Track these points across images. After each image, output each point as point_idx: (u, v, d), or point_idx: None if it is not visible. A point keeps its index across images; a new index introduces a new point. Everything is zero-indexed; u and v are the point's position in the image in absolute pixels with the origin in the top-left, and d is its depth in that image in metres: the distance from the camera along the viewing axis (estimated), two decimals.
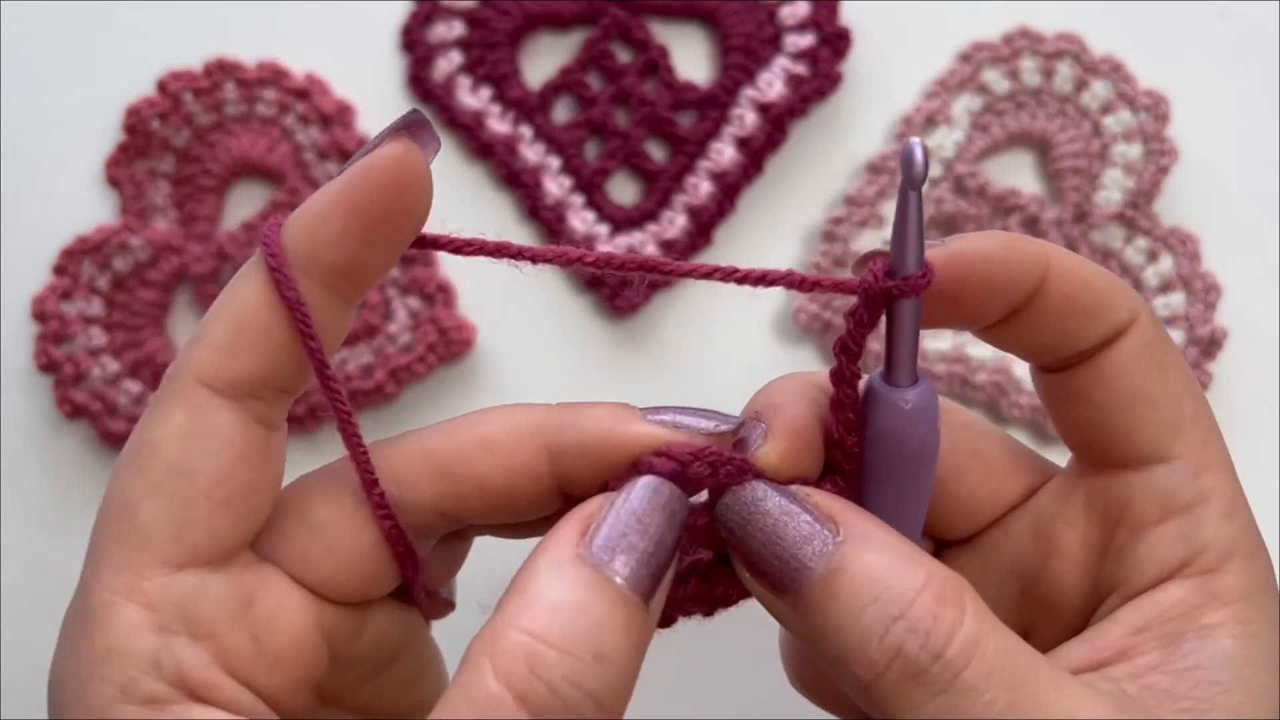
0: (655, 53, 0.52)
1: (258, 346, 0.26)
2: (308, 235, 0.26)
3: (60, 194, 0.52)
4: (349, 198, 0.25)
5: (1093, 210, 0.50)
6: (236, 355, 0.26)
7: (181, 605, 0.25)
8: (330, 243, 0.26)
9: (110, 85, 0.51)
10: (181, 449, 0.25)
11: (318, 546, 0.28)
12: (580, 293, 0.52)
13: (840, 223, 0.50)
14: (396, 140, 0.26)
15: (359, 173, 0.26)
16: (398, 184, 0.26)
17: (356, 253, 0.26)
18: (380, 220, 0.26)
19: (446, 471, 0.28)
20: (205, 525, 0.26)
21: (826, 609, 0.24)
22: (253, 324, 0.26)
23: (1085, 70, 0.51)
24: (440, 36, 0.52)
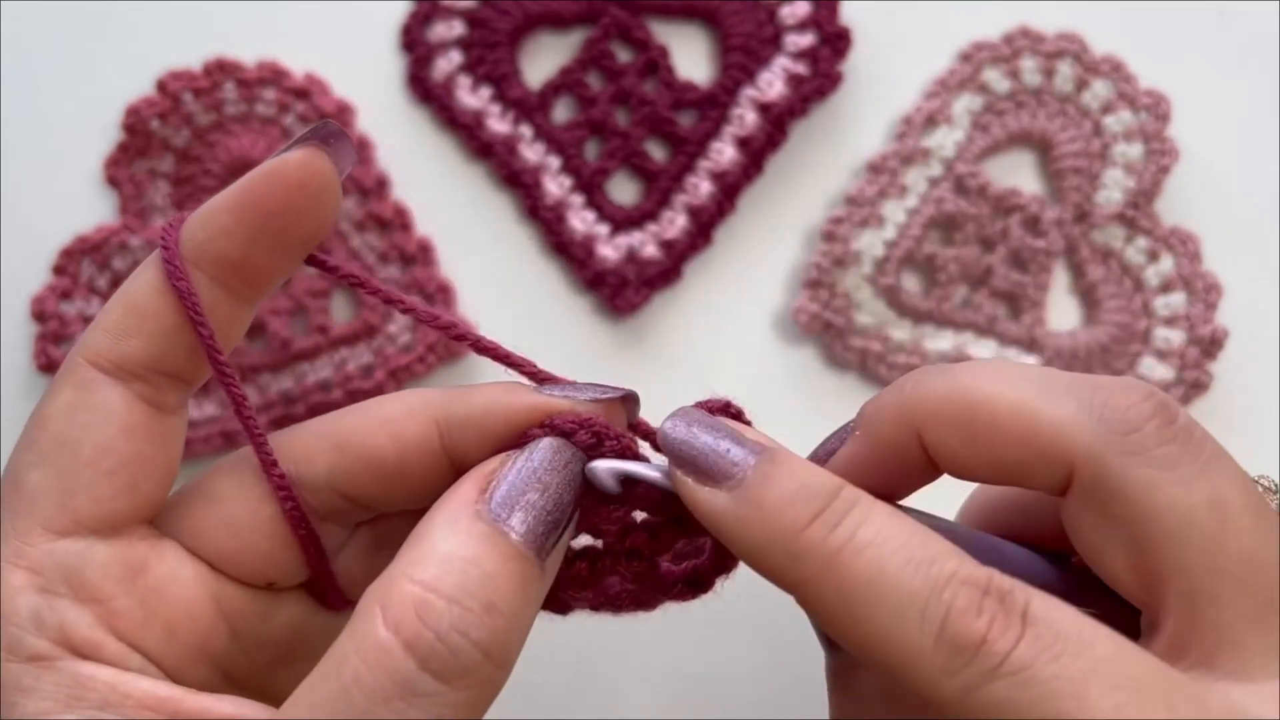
0: (655, 52, 0.52)
1: (145, 330, 0.27)
2: (200, 227, 0.27)
3: (60, 194, 0.52)
4: (243, 195, 0.27)
5: (1093, 210, 0.50)
6: (124, 337, 0.27)
7: (64, 569, 0.26)
8: (220, 235, 0.27)
9: (110, 85, 0.51)
10: (67, 421, 0.26)
11: (214, 519, 0.28)
12: (580, 293, 0.52)
13: (840, 222, 0.50)
14: (303, 147, 0.27)
15: (257, 173, 0.27)
16: (295, 187, 0.27)
17: (245, 248, 0.27)
18: (271, 219, 0.27)
19: (342, 447, 0.28)
20: (89, 493, 0.26)
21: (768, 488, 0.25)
22: (142, 309, 0.27)
23: (1086, 70, 0.51)
24: (440, 36, 0.52)
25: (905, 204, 0.50)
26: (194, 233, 0.27)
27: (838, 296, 0.50)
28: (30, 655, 0.25)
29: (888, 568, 0.24)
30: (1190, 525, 0.24)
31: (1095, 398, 0.25)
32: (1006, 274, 0.50)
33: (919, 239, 0.50)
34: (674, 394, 0.50)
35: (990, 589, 0.23)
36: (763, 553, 0.25)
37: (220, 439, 0.50)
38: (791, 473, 0.26)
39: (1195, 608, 0.24)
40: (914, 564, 0.24)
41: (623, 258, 0.51)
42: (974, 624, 0.23)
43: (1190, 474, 0.24)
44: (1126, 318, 0.50)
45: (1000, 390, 0.26)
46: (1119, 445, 0.25)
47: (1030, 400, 0.26)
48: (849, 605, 0.24)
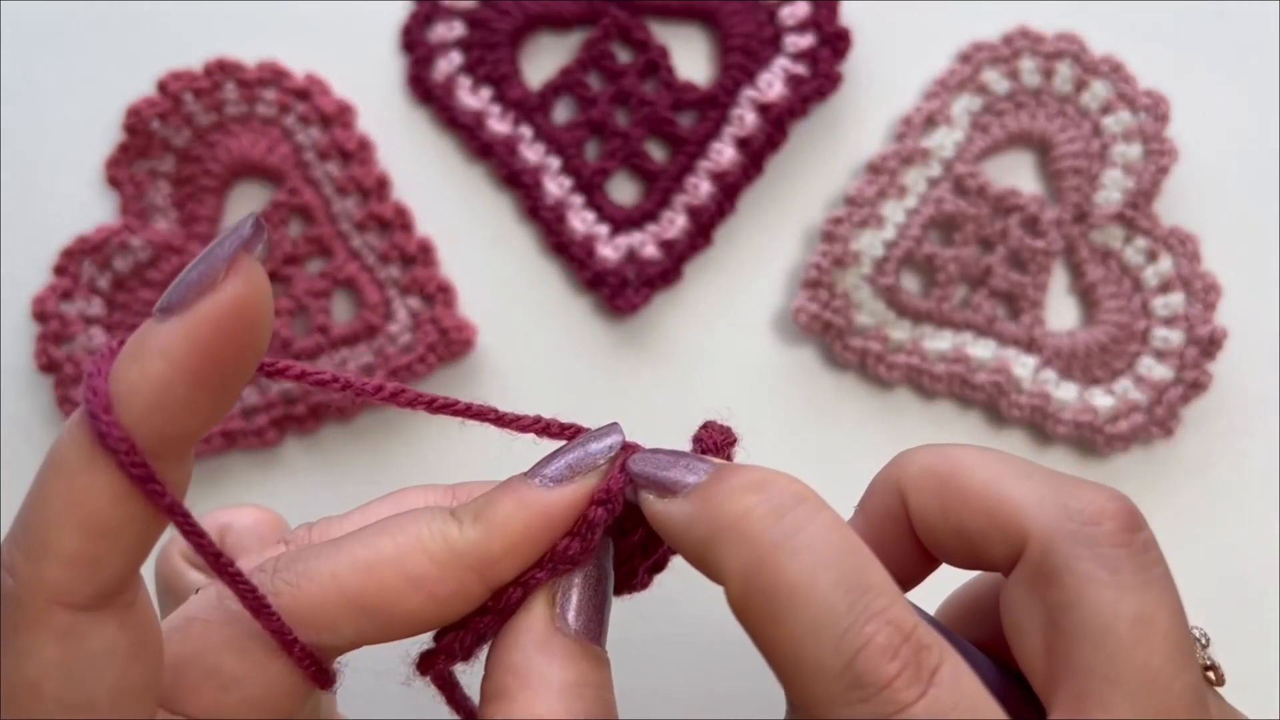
0: (655, 53, 0.52)
1: (118, 548, 0.23)
2: (154, 411, 0.22)
3: (60, 194, 0.52)
4: (195, 358, 0.22)
5: (1092, 210, 0.50)
6: (98, 565, 0.22)
7: None
8: (180, 414, 0.22)
9: (110, 85, 0.51)
10: (66, 681, 0.23)
11: (233, 702, 0.26)
12: (580, 293, 0.52)
13: (840, 223, 0.50)
14: (238, 271, 0.22)
15: (203, 324, 0.22)
16: (247, 327, 0.22)
17: (207, 413, 0.23)
18: (229, 371, 0.23)
19: (371, 611, 0.26)
20: None
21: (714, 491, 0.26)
22: (108, 527, 0.22)
23: (1085, 70, 0.51)
24: (440, 37, 0.52)
25: (905, 204, 0.50)
26: (147, 420, 0.22)
27: (837, 296, 0.50)
28: None
29: (821, 579, 0.23)
30: (1107, 632, 0.24)
31: (1067, 489, 0.26)
32: (1006, 274, 0.50)
33: (918, 239, 0.50)
34: (674, 394, 0.51)
35: (911, 638, 0.23)
36: (704, 546, 0.25)
37: (221, 439, 0.50)
38: (743, 473, 0.26)
39: (1083, 709, 0.24)
40: (846, 586, 0.23)
41: (623, 258, 0.51)
42: (885, 666, 0.23)
43: (1129, 583, 0.25)
44: (1125, 318, 0.50)
45: (978, 465, 0.27)
46: (1073, 533, 0.25)
47: (1004, 478, 0.27)
48: (771, 601, 0.24)
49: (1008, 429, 0.51)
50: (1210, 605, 0.50)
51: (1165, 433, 0.50)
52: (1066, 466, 0.51)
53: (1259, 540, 0.50)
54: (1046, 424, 0.50)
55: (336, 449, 0.51)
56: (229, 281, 0.22)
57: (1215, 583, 0.50)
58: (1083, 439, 0.50)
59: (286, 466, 0.51)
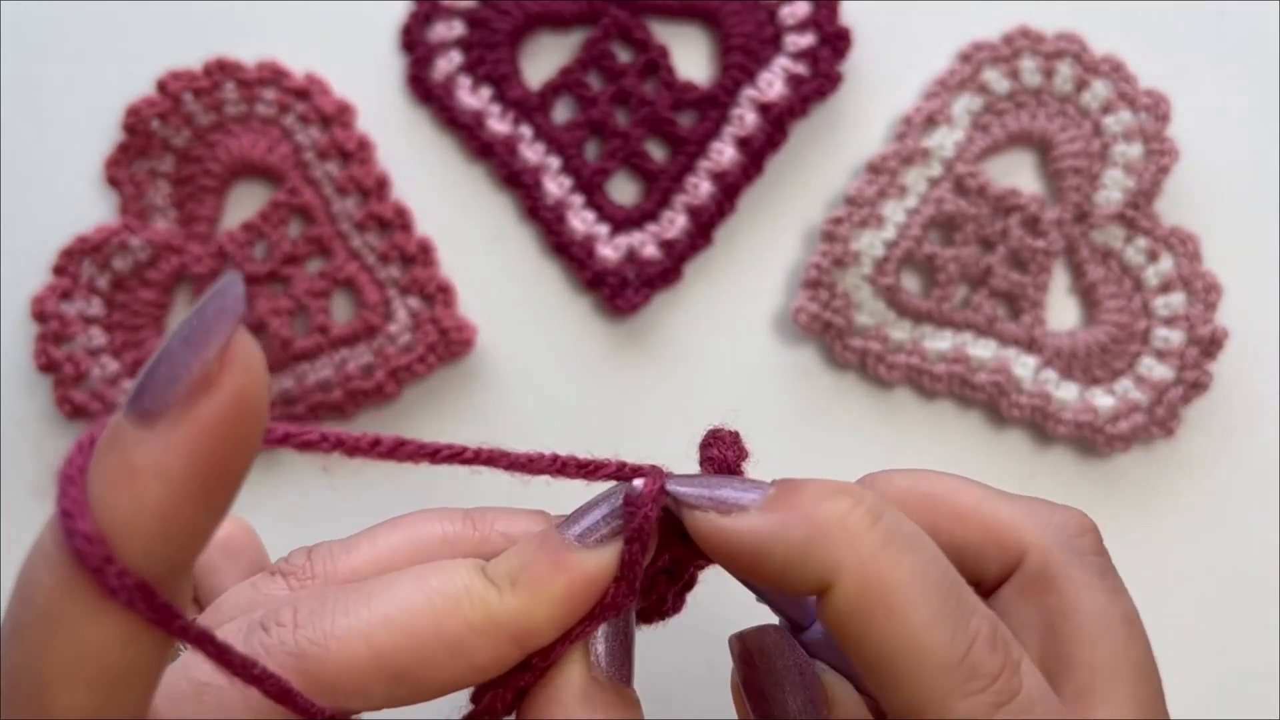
0: (655, 53, 0.52)
1: (136, 689, 0.20)
2: (160, 543, 0.19)
3: (60, 194, 0.52)
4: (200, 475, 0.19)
5: (1093, 210, 0.50)
6: (113, 713, 0.20)
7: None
8: (190, 539, 0.20)
9: (110, 85, 0.51)
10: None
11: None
12: (580, 293, 0.52)
13: (840, 222, 0.50)
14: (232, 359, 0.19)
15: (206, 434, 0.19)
16: (252, 423, 0.20)
17: (217, 521, 0.20)
18: (236, 474, 0.20)
19: (404, 677, 0.24)
20: None
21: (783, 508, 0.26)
22: (122, 674, 0.20)
23: (1085, 70, 0.51)
24: (440, 36, 0.52)
25: (905, 204, 0.50)
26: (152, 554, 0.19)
27: (837, 296, 0.50)
28: None
29: (931, 575, 0.24)
30: (1108, 631, 0.27)
31: (1044, 508, 0.29)
32: (1006, 274, 0.50)
33: (919, 239, 0.50)
34: (674, 394, 0.51)
35: (999, 632, 0.25)
36: (805, 552, 0.24)
37: None
38: (817, 482, 0.26)
39: (1090, 704, 0.26)
40: (950, 581, 0.25)
41: (623, 258, 0.51)
42: (993, 657, 0.24)
43: (1112, 588, 0.28)
44: (1126, 318, 0.50)
45: (960, 487, 0.29)
46: (1064, 544, 0.28)
47: (989, 497, 0.29)
48: (891, 599, 0.24)
49: (1008, 429, 0.51)
50: (1211, 605, 0.50)
51: (1166, 433, 0.50)
52: (1067, 466, 0.51)
53: (1260, 540, 0.50)
54: (1047, 424, 0.50)
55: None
56: (226, 376, 0.19)
57: (1216, 583, 0.50)
58: (1083, 439, 0.50)
59: (285, 467, 0.51)
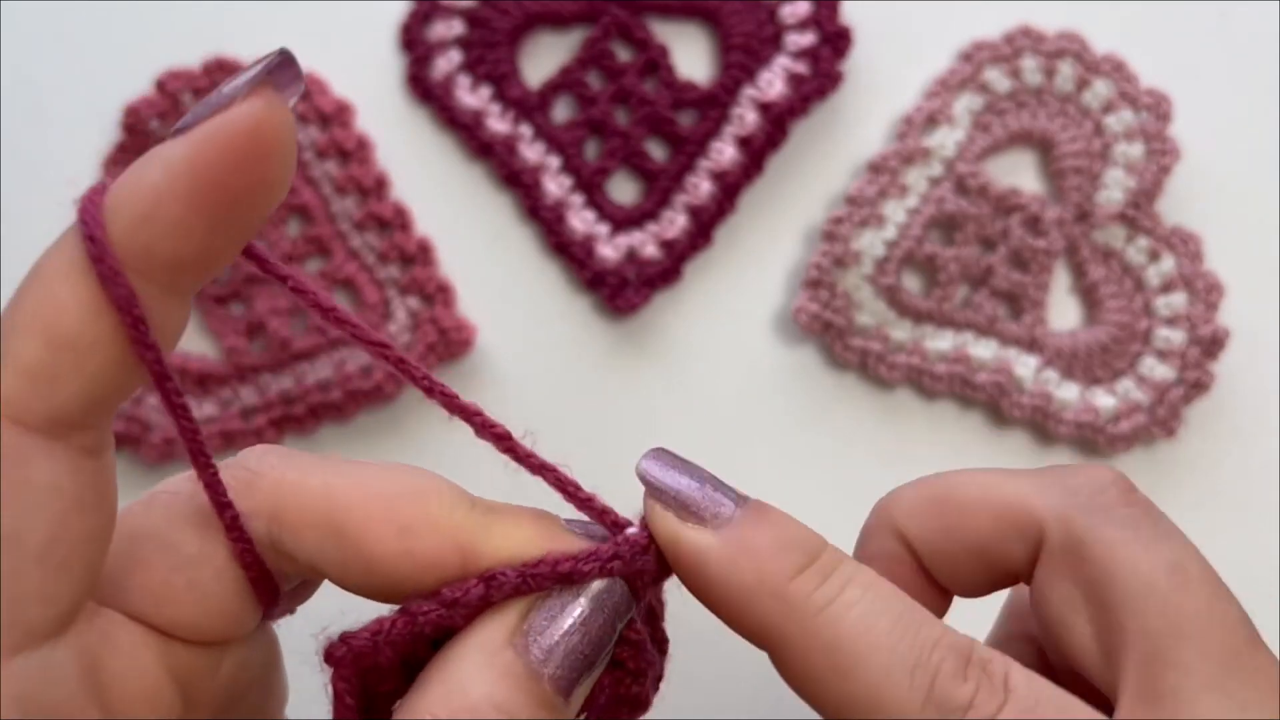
0: (655, 52, 0.52)
1: (83, 368, 0.21)
2: (142, 224, 0.20)
3: (60, 194, 0.51)
4: (195, 175, 0.20)
5: (1094, 210, 0.50)
6: (57, 382, 0.20)
7: (22, 696, 0.21)
8: (171, 233, 0.20)
9: (109, 85, 0.51)
10: (4, 511, 0.20)
11: (180, 585, 0.24)
12: (580, 293, 0.52)
13: (841, 222, 0.50)
14: (258, 95, 0.20)
15: (209, 141, 0.20)
16: (259, 154, 0.20)
17: (204, 242, 0.21)
18: (234, 201, 0.21)
19: (342, 535, 0.24)
20: (40, 596, 0.21)
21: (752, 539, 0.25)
22: (75, 340, 0.20)
23: (1087, 69, 0.51)
24: (440, 35, 0.52)
25: (906, 204, 0.50)
26: (133, 232, 0.20)
27: (838, 296, 0.50)
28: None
29: (878, 625, 0.24)
30: (1151, 587, 0.24)
31: (1058, 473, 0.27)
32: (1007, 274, 0.50)
33: (919, 239, 0.50)
34: (674, 394, 0.51)
35: (973, 657, 0.24)
36: (747, 600, 0.24)
37: (219, 439, 0.50)
38: (779, 521, 0.25)
39: (1154, 673, 0.24)
40: (902, 626, 0.24)
41: (623, 258, 0.51)
42: (961, 688, 0.23)
43: (1150, 537, 0.25)
44: (1127, 318, 0.50)
45: (967, 479, 0.28)
46: (1085, 506, 0.26)
47: (995, 479, 0.27)
48: (836, 661, 0.24)
49: (1009, 429, 0.51)
50: None
51: (1167, 433, 0.50)
52: None
53: (1261, 540, 0.50)
54: (1048, 424, 0.50)
55: (335, 449, 0.51)
56: (245, 102, 0.20)
57: None
58: (1084, 439, 0.50)
59: None
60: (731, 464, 0.50)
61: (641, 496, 0.26)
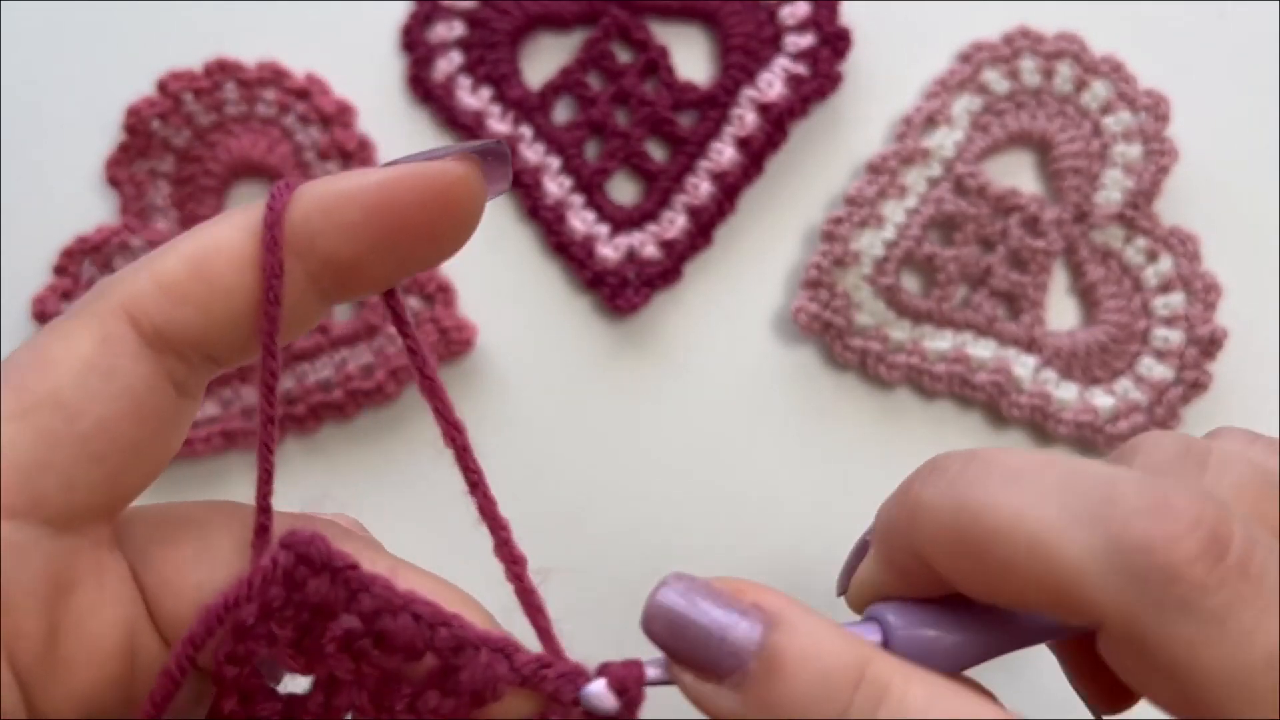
0: (655, 53, 0.52)
1: (210, 306, 0.22)
2: (319, 213, 0.22)
3: (60, 194, 0.52)
4: (384, 195, 0.22)
5: (1093, 210, 0.50)
6: (182, 302, 0.22)
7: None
8: (340, 232, 0.22)
9: (110, 85, 0.51)
10: (74, 379, 0.21)
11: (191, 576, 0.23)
12: (580, 293, 0.52)
13: (841, 222, 0.50)
14: (463, 160, 0.23)
15: (405, 174, 0.22)
16: (440, 205, 0.23)
17: (363, 254, 0.23)
18: (405, 234, 0.23)
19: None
20: (65, 476, 0.21)
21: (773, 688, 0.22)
22: (215, 278, 0.22)
23: (1085, 70, 0.51)
24: (440, 36, 0.52)
25: (905, 204, 0.50)
26: (309, 218, 0.22)
27: (838, 296, 0.50)
28: None
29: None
30: (1246, 687, 0.20)
31: (1126, 530, 0.21)
32: (1006, 274, 0.50)
33: (919, 239, 0.50)
34: (674, 394, 0.51)
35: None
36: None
37: (221, 438, 0.50)
38: (803, 657, 0.21)
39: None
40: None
41: (623, 258, 0.51)
42: None
43: (1248, 625, 0.20)
44: (1126, 318, 0.50)
45: (1012, 516, 0.21)
46: (1156, 599, 0.20)
47: (1048, 534, 0.21)
48: None
49: (1008, 429, 0.51)
50: None
51: None
52: None
53: None
54: (1047, 424, 0.50)
55: (336, 449, 0.51)
56: (449, 161, 0.23)
57: None
58: (1083, 439, 0.50)
59: (286, 466, 0.51)
60: (732, 464, 0.50)
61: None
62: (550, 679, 0.22)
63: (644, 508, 0.50)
